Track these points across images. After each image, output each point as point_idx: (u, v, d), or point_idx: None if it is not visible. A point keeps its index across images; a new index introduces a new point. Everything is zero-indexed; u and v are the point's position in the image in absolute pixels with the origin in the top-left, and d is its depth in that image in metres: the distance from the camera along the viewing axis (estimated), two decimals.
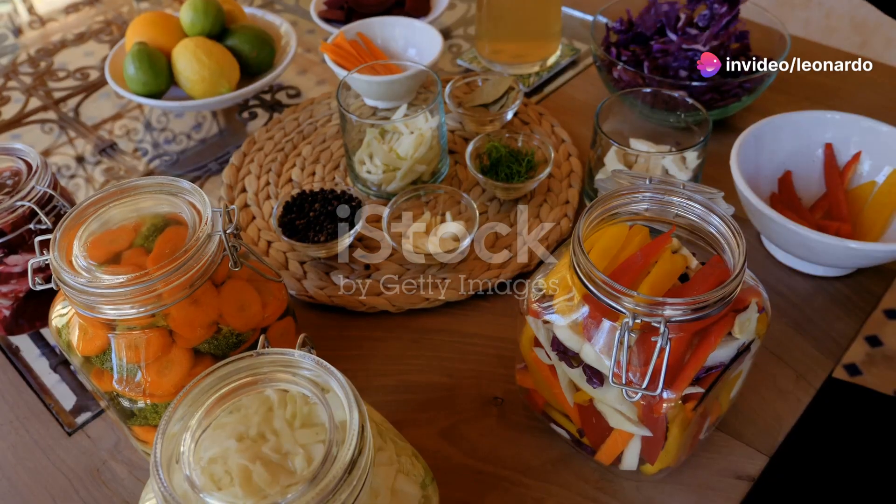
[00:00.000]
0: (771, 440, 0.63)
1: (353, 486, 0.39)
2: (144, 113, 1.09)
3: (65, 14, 1.36)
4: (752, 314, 0.53)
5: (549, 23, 1.05)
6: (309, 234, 0.77)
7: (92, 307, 0.51)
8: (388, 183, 0.84)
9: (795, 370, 0.68)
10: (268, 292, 0.59)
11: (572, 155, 0.91)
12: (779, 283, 0.75)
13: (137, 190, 0.57)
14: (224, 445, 0.41)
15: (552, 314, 0.55)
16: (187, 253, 0.51)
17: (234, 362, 0.44)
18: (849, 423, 0.92)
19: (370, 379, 0.70)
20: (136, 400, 0.55)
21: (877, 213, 0.74)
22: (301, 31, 1.24)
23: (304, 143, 0.96)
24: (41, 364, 0.74)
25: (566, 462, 0.63)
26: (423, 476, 0.49)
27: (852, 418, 0.93)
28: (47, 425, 0.69)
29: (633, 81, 0.90)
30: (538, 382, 0.61)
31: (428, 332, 0.74)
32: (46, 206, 0.68)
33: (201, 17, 1.01)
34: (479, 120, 0.93)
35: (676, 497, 0.60)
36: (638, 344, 0.50)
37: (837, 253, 0.67)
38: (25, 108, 1.11)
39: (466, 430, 0.65)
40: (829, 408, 0.90)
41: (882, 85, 1.01)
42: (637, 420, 0.54)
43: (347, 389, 0.42)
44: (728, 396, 0.59)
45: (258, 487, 0.39)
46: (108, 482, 0.64)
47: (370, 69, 0.90)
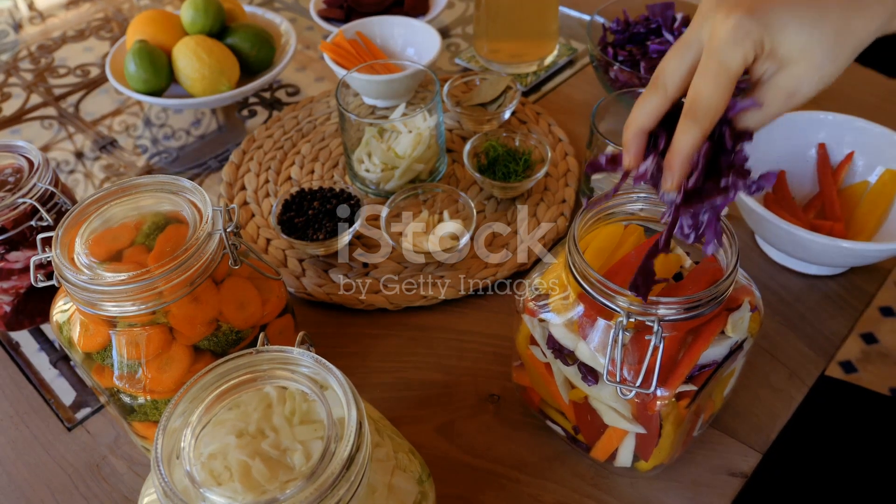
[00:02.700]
0: (764, 437, 0.64)
1: (351, 481, 0.39)
2: (144, 109, 1.09)
3: (65, 10, 1.37)
4: (744, 313, 0.53)
5: (546, 22, 1.05)
6: (308, 231, 0.77)
7: (93, 304, 0.51)
8: (387, 181, 0.85)
9: (789, 368, 0.69)
10: (267, 290, 0.60)
11: (569, 154, 0.91)
12: (772, 281, 0.76)
13: (139, 188, 0.57)
14: (224, 441, 0.41)
15: (548, 312, 0.56)
16: (188, 251, 0.52)
17: (233, 359, 0.44)
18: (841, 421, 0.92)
19: (368, 376, 0.70)
20: (137, 396, 0.56)
21: (869, 213, 0.75)
22: (300, 28, 1.24)
23: (303, 141, 0.96)
24: (41, 359, 0.75)
25: (562, 459, 0.63)
26: (420, 472, 0.50)
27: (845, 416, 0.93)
28: (47, 421, 0.69)
29: (629, 81, 0.91)
30: (534, 380, 0.62)
31: (425, 329, 0.74)
32: (48, 204, 0.69)
33: (202, 16, 1.01)
34: (477, 119, 0.93)
35: (670, 493, 0.61)
36: (632, 342, 0.51)
37: (830, 252, 0.67)
38: (26, 105, 1.11)
39: (463, 427, 0.66)
40: (822, 405, 0.90)
41: (875, 85, 1.01)
42: (631, 417, 0.55)
43: (346, 386, 0.42)
44: (721, 394, 0.60)
45: (257, 483, 0.40)
46: (108, 477, 0.65)
47: (369, 68, 0.91)
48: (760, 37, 0.42)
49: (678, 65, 0.46)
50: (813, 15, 0.43)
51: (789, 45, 0.43)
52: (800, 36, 0.43)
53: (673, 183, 0.46)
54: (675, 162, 0.45)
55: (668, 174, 0.46)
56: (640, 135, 0.48)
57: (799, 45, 0.43)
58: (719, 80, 0.43)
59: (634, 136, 0.48)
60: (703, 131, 0.44)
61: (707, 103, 0.44)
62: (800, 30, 0.43)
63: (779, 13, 0.42)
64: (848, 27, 0.43)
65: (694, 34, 0.45)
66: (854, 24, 0.44)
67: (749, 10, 0.42)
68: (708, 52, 0.44)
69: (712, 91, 0.43)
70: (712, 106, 0.44)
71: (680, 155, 0.45)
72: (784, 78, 0.44)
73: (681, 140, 0.45)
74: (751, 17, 0.42)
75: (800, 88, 0.45)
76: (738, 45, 0.42)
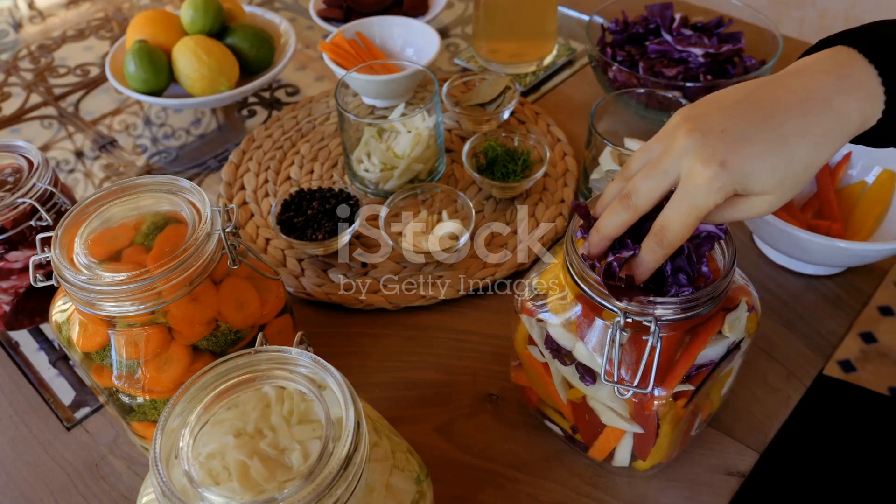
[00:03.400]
0: (762, 437, 0.64)
1: (349, 481, 0.40)
2: (144, 109, 1.09)
3: (65, 9, 1.37)
4: (741, 313, 0.53)
5: (545, 22, 1.06)
6: (307, 231, 0.78)
7: (92, 304, 0.51)
8: (386, 181, 0.85)
9: (786, 368, 0.69)
10: (266, 290, 0.60)
11: (568, 154, 0.91)
12: (770, 281, 0.76)
13: (138, 189, 0.57)
14: (222, 441, 0.41)
15: (546, 313, 0.56)
16: (187, 251, 0.52)
17: (232, 359, 0.44)
18: (840, 420, 0.93)
19: (367, 375, 0.70)
20: (136, 396, 0.56)
21: (867, 213, 0.75)
22: (300, 28, 1.24)
23: (302, 141, 0.97)
24: (40, 359, 0.75)
25: (560, 458, 0.63)
26: (418, 472, 0.50)
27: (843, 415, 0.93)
28: (46, 420, 0.69)
29: (628, 82, 0.91)
30: (532, 380, 0.62)
31: (424, 329, 0.74)
32: (47, 203, 0.69)
33: (201, 16, 1.02)
34: (476, 119, 0.93)
35: (668, 493, 0.61)
36: (629, 342, 0.51)
37: (828, 252, 0.68)
38: (26, 104, 1.12)
39: (462, 427, 0.66)
40: (820, 405, 0.91)
41: None
42: (629, 417, 0.55)
43: (343, 386, 0.42)
44: (719, 394, 0.60)
45: (255, 482, 0.40)
46: (107, 476, 0.65)
47: (368, 68, 0.91)
48: (733, 187, 0.46)
49: (653, 189, 0.49)
50: (784, 159, 0.46)
51: (762, 186, 0.47)
52: (772, 178, 0.47)
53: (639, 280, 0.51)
54: (640, 272, 0.50)
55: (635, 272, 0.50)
56: (606, 241, 0.52)
57: (771, 184, 0.47)
58: (689, 218, 0.47)
59: (601, 241, 0.52)
60: (665, 254, 0.49)
61: (674, 233, 0.48)
62: (771, 174, 0.46)
63: (752, 164, 0.46)
64: (814, 162, 0.47)
65: (671, 164, 0.48)
66: (820, 157, 0.47)
67: (723, 165, 0.46)
68: (683, 191, 0.47)
69: (681, 224, 0.48)
70: (678, 236, 0.48)
71: (645, 267, 0.50)
72: (753, 204, 0.49)
73: (646, 258, 0.50)
74: (724, 170, 0.46)
75: (765, 210, 0.49)
76: (712, 194, 0.46)
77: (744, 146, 0.46)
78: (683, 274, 0.51)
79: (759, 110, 0.47)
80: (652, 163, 0.50)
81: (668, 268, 0.51)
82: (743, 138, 0.46)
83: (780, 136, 0.46)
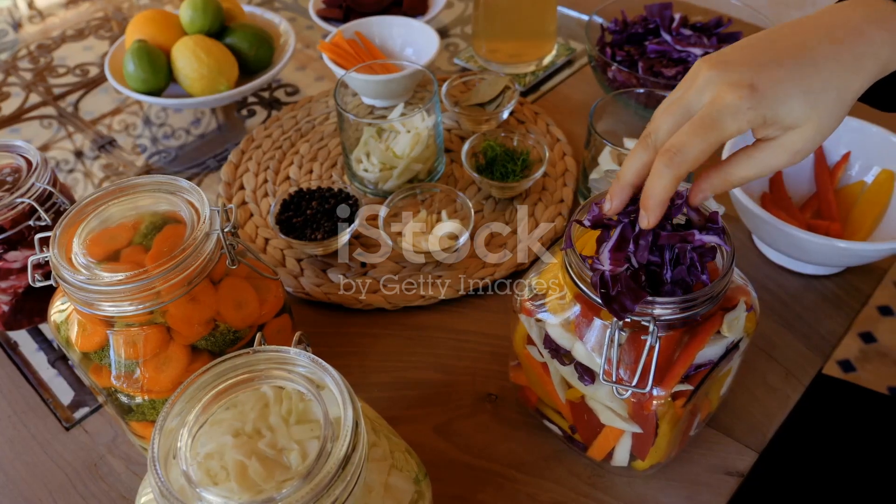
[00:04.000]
0: (760, 437, 0.64)
1: (347, 481, 0.40)
2: (143, 108, 1.09)
3: (64, 9, 1.37)
4: (740, 313, 0.53)
5: (544, 22, 1.05)
6: (306, 231, 0.78)
7: (91, 304, 0.51)
8: (385, 181, 0.85)
9: (785, 367, 0.69)
10: (265, 290, 0.60)
11: (567, 154, 0.91)
12: (770, 281, 0.76)
13: (136, 188, 0.57)
14: (220, 441, 0.41)
15: (544, 312, 0.56)
16: (185, 251, 0.52)
17: (230, 359, 0.44)
18: (839, 420, 0.93)
19: (366, 375, 0.70)
20: (134, 396, 0.56)
21: (866, 213, 0.75)
22: (299, 28, 1.24)
23: (301, 140, 0.97)
24: (39, 359, 0.75)
25: (559, 458, 0.63)
26: (417, 472, 0.50)
27: (842, 415, 0.93)
28: (45, 420, 0.69)
29: (627, 81, 0.91)
30: (531, 379, 0.62)
31: (423, 329, 0.74)
32: (46, 203, 0.69)
33: (201, 15, 1.01)
34: (476, 119, 0.93)
35: (667, 492, 0.61)
36: (628, 342, 0.51)
37: (827, 252, 0.68)
38: (25, 104, 1.11)
39: (461, 427, 0.66)
40: (819, 404, 0.91)
41: None
42: (627, 417, 0.55)
43: (342, 386, 0.42)
44: (718, 393, 0.60)
45: (254, 482, 0.40)
46: (106, 476, 0.65)
47: (368, 68, 0.91)
48: (762, 114, 0.44)
49: (672, 125, 0.46)
50: (815, 86, 0.44)
51: (794, 116, 0.44)
52: (804, 107, 0.44)
53: (649, 223, 0.47)
54: (650, 204, 0.46)
55: (643, 214, 0.47)
56: (627, 188, 0.48)
57: (804, 114, 0.44)
58: (709, 138, 0.44)
59: (621, 189, 0.48)
60: (676, 178, 0.45)
61: (690, 155, 0.44)
62: (804, 101, 0.44)
63: (783, 88, 0.44)
64: (847, 89, 0.45)
65: (693, 97, 0.45)
66: (852, 85, 0.45)
67: (752, 88, 0.43)
68: (707, 111, 0.44)
69: (698, 143, 0.44)
70: (693, 158, 0.44)
71: (654, 199, 0.46)
72: (790, 140, 0.46)
73: (653, 184, 0.46)
74: (754, 94, 0.43)
75: (805, 147, 0.46)
76: (738, 117, 0.43)
77: (773, 70, 0.44)
78: (681, 289, 0.50)
79: (785, 41, 0.45)
80: (674, 101, 0.47)
81: (667, 275, 0.50)
82: (772, 63, 0.44)
83: (811, 59, 0.44)
